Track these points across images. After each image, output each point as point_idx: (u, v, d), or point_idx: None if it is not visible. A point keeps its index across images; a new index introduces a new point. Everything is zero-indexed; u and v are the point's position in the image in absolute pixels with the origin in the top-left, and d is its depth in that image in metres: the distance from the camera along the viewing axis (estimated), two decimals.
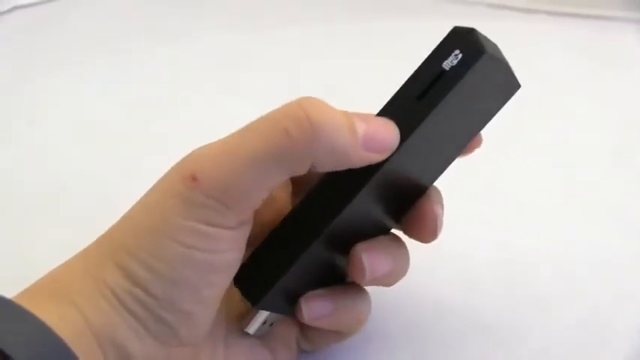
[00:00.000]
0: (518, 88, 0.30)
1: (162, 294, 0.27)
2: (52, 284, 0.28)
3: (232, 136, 0.27)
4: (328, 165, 0.27)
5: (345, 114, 0.27)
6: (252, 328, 0.31)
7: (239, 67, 0.58)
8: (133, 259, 0.27)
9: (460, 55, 0.27)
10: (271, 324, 0.31)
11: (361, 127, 0.27)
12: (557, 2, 0.63)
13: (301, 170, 0.27)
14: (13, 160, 0.48)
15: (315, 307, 0.31)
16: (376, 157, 0.28)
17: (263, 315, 0.30)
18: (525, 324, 0.36)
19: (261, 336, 0.31)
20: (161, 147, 0.31)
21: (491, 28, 0.57)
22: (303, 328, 0.33)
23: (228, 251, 0.28)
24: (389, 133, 0.28)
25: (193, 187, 0.26)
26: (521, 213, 0.43)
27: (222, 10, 0.65)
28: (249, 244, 0.30)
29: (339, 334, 0.33)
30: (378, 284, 0.32)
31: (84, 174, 0.46)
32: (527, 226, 0.42)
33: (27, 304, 0.25)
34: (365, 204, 0.29)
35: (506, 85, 0.30)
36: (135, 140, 0.49)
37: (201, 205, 0.27)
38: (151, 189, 0.28)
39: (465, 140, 0.31)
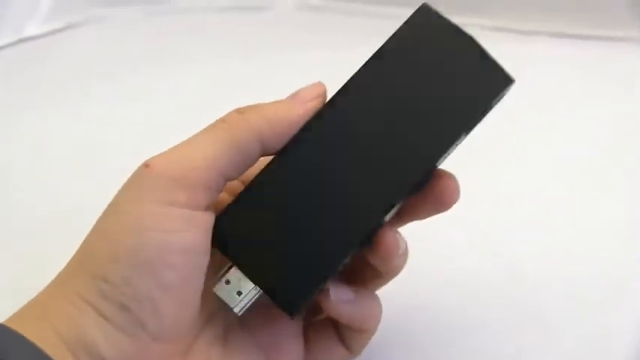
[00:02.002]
0: (510, 82, 0.29)
1: (120, 280, 0.27)
2: (31, 305, 0.29)
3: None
4: (273, 133, 0.29)
5: None
6: (217, 287, 0.29)
7: (239, 93, 0.53)
8: (94, 256, 0.28)
9: None
10: (248, 299, 0.29)
11: (289, 97, 0.30)
12: (558, 24, 0.62)
13: (250, 148, 0.29)
14: (20, 188, 0.49)
15: (340, 290, 0.30)
16: (310, 105, 0.30)
17: (232, 275, 0.29)
18: (529, 344, 0.36)
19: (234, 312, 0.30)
20: None
21: (492, 50, 0.58)
22: (309, 342, 0.32)
23: (184, 232, 0.28)
24: (314, 85, 0.31)
25: (146, 172, 0.28)
26: (525, 232, 0.43)
27: (219, 37, 0.66)
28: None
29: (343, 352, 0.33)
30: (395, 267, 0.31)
31: (89, 201, 0.44)
32: (531, 246, 0.42)
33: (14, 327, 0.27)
34: (320, 152, 0.29)
35: (483, 71, 0.29)
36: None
37: (152, 185, 0.28)
38: None
39: (447, 134, 0.29)
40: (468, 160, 0.42)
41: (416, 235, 0.32)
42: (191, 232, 0.28)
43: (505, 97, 0.34)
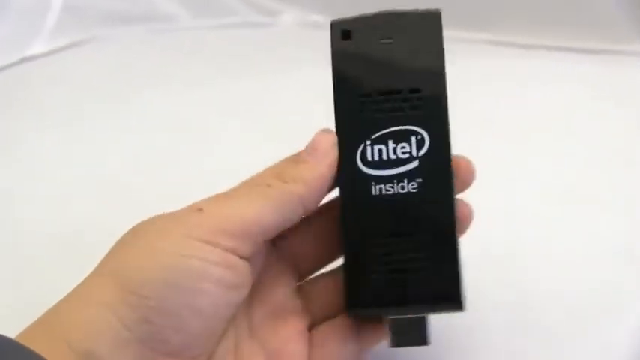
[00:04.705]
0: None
1: (151, 294, 0.28)
2: (45, 318, 0.29)
3: (230, 190, 0.32)
4: (312, 196, 0.32)
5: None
6: (391, 342, 0.32)
7: (244, 111, 0.58)
8: (124, 269, 0.29)
9: None
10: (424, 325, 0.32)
11: (309, 151, 0.33)
12: (556, 37, 0.61)
13: (294, 214, 0.31)
14: (22, 208, 0.49)
15: None
16: (332, 157, 0.32)
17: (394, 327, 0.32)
18: (530, 357, 0.36)
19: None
20: (171, 196, 0.33)
21: (491, 64, 0.57)
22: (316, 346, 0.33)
23: (220, 266, 0.29)
24: (324, 135, 0.33)
25: (197, 214, 0.30)
26: (529, 252, 0.43)
27: (222, 55, 0.66)
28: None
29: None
30: None
31: (95, 224, 0.46)
32: (535, 266, 0.42)
33: (26, 341, 0.27)
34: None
35: None
36: (144, 189, 0.49)
37: (201, 226, 0.30)
38: None
39: None
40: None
41: None
42: (230, 270, 0.30)
43: (506, 112, 0.34)
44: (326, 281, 0.35)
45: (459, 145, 0.50)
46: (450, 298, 0.31)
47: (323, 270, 0.35)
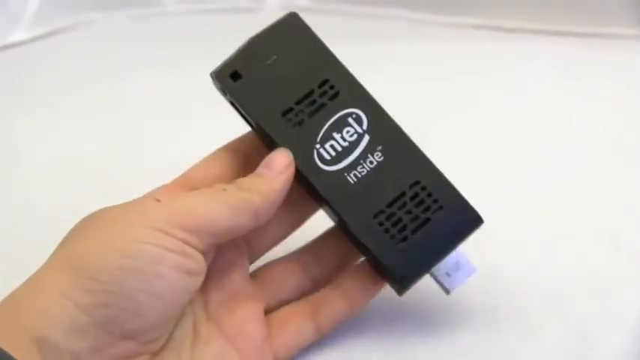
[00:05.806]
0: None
1: (109, 279, 0.28)
2: (5, 303, 0.29)
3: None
4: (267, 206, 0.32)
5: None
6: (449, 285, 0.34)
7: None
8: (81, 256, 0.29)
9: None
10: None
11: (265, 167, 0.33)
12: (542, 21, 0.60)
13: (247, 222, 0.32)
14: (4, 198, 0.49)
15: None
16: (288, 174, 0.33)
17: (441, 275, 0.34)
18: (510, 349, 0.36)
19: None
20: (155, 182, 0.34)
21: (476, 49, 0.57)
22: (274, 332, 0.34)
23: (176, 253, 0.30)
24: (281, 154, 0.34)
25: (155, 204, 0.31)
26: (506, 233, 0.42)
27: (208, 40, 0.64)
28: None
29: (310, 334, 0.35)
30: None
31: (70, 210, 0.43)
32: (514, 245, 0.42)
33: None
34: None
35: None
36: (121, 175, 0.49)
37: (157, 216, 0.30)
38: None
39: None
40: (455, 158, 0.42)
41: None
42: (186, 258, 0.30)
43: (491, 95, 0.36)
44: (277, 267, 0.36)
45: (444, 128, 0.51)
46: (470, 218, 0.34)
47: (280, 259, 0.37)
